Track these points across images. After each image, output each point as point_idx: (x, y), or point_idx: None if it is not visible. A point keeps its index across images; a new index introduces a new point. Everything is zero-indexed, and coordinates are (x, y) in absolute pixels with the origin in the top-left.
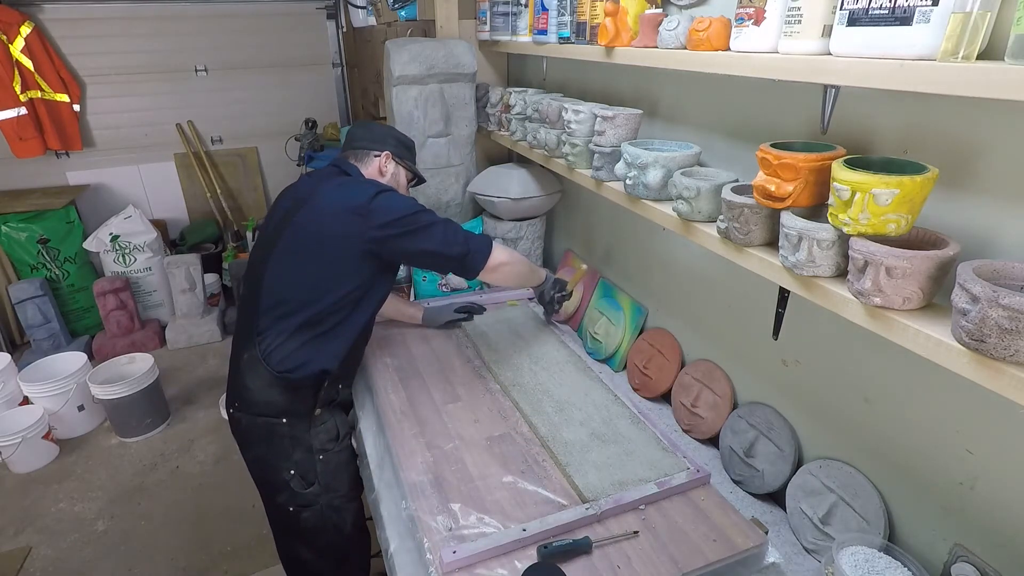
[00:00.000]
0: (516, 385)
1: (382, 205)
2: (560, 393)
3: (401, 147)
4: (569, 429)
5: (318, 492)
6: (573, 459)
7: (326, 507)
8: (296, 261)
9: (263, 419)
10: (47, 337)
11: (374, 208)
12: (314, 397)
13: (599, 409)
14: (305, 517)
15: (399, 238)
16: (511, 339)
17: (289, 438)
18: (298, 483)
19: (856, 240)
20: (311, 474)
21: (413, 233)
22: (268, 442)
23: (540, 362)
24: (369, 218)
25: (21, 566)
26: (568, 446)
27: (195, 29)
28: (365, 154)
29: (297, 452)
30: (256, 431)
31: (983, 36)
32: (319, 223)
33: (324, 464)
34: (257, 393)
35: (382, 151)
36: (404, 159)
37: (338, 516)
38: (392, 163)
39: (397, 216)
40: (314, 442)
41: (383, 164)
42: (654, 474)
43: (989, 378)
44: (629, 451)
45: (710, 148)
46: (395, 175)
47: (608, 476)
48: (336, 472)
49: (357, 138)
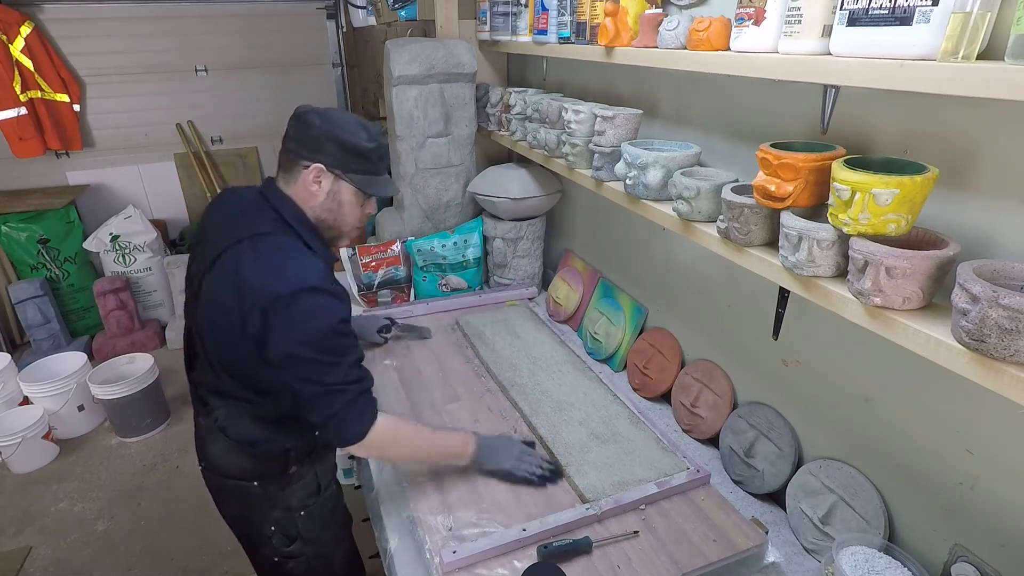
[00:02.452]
0: (515, 385)
1: (281, 332)
2: (560, 393)
3: (345, 154)
4: (569, 429)
5: (302, 547)
6: (573, 459)
7: (313, 557)
8: (220, 338)
9: (232, 481)
10: (47, 337)
11: (271, 341)
12: (284, 457)
13: (599, 409)
14: (291, 566)
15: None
16: (510, 339)
17: (264, 498)
18: (280, 540)
19: (856, 240)
20: (292, 530)
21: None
22: (242, 503)
23: (539, 362)
24: (265, 352)
25: (21, 566)
26: (568, 446)
27: (195, 29)
28: (294, 163)
29: (275, 511)
30: (227, 492)
31: (983, 36)
32: (212, 319)
33: (306, 519)
34: (221, 459)
35: (312, 161)
36: (351, 171)
37: (327, 562)
38: (329, 178)
39: (302, 352)
40: (291, 501)
41: (312, 180)
42: (654, 474)
43: (989, 378)
44: (629, 451)
45: (710, 148)
46: (333, 194)
47: (608, 476)
48: (320, 524)
49: (289, 136)
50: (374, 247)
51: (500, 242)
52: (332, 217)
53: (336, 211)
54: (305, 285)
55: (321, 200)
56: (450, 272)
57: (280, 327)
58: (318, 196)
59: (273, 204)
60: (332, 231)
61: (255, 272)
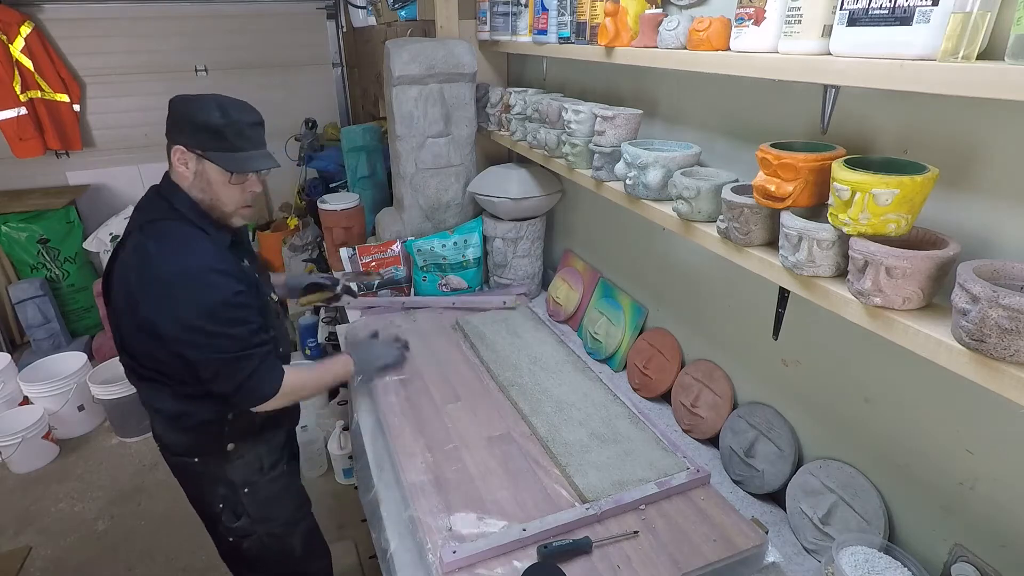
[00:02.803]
0: (515, 385)
1: (166, 320)
2: (559, 393)
3: (199, 133)
4: (569, 429)
5: (250, 524)
6: (573, 459)
7: (265, 536)
8: (122, 323)
9: (177, 458)
10: (47, 337)
11: (162, 329)
12: (219, 432)
13: (599, 409)
14: (247, 547)
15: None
16: (510, 339)
17: (206, 475)
18: (228, 516)
19: (856, 240)
20: (238, 507)
21: (197, 347)
22: (191, 480)
23: (539, 362)
24: (158, 332)
25: (21, 566)
26: (568, 446)
27: (195, 29)
28: (168, 147)
29: (219, 487)
30: (179, 470)
31: (983, 36)
32: (115, 306)
33: (251, 496)
34: (163, 435)
35: (174, 143)
36: (210, 149)
37: (282, 543)
38: (191, 159)
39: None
40: (234, 477)
41: (177, 162)
42: (654, 474)
43: (989, 378)
44: (629, 451)
45: (710, 148)
46: (200, 174)
47: (608, 476)
48: (268, 503)
49: (167, 122)
50: (374, 247)
51: (500, 242)
52: (207, 197)
53: (208, 190)
54: (190, 265)
55: (192, 180)
56: (450, 272)
57: (168, 306)
58: (188, 177)
59: (164, 194)
60: (215, 211)
61: (138, 258)
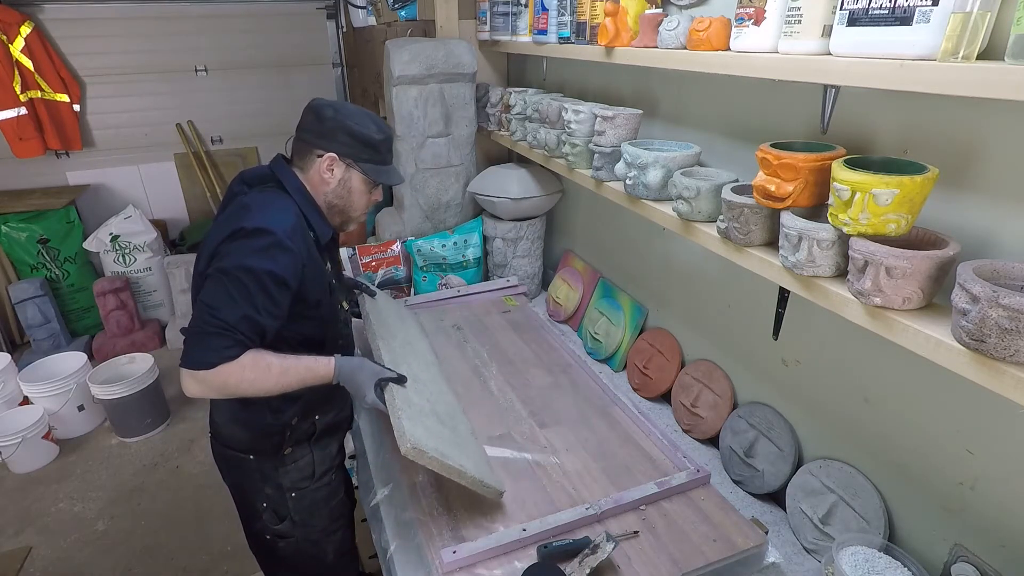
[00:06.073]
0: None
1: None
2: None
3: (356, 145)
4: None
5: (291, 527)
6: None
7: (302, 540)
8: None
9: (231, 452)
10: (47, 337)
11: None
12: (280, 436)
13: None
14: (282, 547)
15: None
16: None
17: (258, 473)
18: (271, 517)
19: (856, 240)
20: (283, 509)
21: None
22: (239, 473)
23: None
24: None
25: (21, 566)
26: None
27: (195, 29)
28: (309, 151)
29: (267, 487)
30: (227, 461)
31: (983, 36)
32: (197, 267)
33: (297, 501)
34: (223, 426)
35: (326, 151)
36: (362, 160)
37: (316, 548)
38: (340, 167)
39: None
40: (283, 481)
41: (325, 168)
42: (654, 474)
43: (989, 378)
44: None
45: (710, 148)
46: (344, 182)
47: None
48: (312, 509)
49: (303, 127)
50: (374, 247)
51: (500, 242)
52: (342, 203)
53: (346, 197)
54: (269, 226)
55: (333, 187)
56: (450, 272)
57: (226, 252)
58: (330, 183)
59: (277, 175)
60: (342, 215)
61: (231, 214)
